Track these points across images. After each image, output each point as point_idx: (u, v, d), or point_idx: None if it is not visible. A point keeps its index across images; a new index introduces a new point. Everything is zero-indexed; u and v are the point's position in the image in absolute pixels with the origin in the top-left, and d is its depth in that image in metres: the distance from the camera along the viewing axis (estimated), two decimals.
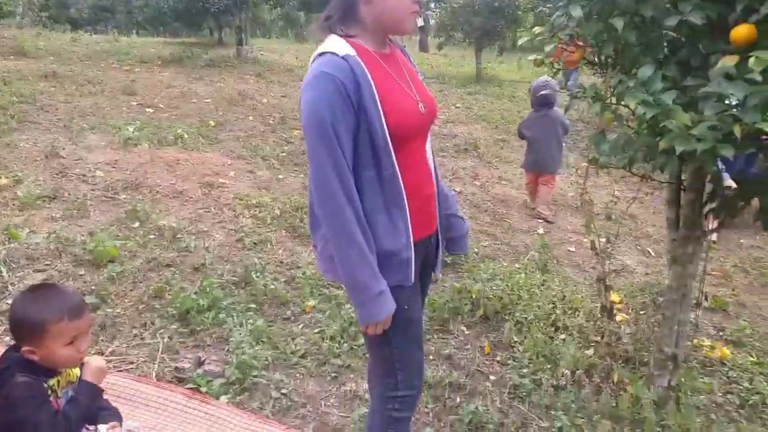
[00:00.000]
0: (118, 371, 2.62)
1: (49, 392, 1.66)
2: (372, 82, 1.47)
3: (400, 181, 1.54)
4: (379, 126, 1.48)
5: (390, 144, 1.50)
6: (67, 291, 1.76)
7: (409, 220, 1.58)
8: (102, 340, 2.83)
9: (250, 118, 7.44)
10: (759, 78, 1.44)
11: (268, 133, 6.84)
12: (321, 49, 1.52)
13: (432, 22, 15.44)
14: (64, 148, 5.19)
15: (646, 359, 2.83)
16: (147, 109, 7.22)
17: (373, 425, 1.82)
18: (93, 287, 3.22)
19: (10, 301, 2.62)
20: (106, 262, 3.47)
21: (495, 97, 10.74)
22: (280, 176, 5.48)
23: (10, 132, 5.52)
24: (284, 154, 6.10)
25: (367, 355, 2.07)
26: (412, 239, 1.59)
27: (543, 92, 5.11)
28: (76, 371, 1.74)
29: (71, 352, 1.64)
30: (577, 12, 1.86)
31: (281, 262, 3.78)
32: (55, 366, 1.67)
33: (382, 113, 1.48)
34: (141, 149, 5.47)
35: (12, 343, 1.69)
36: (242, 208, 4.52)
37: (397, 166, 1.52)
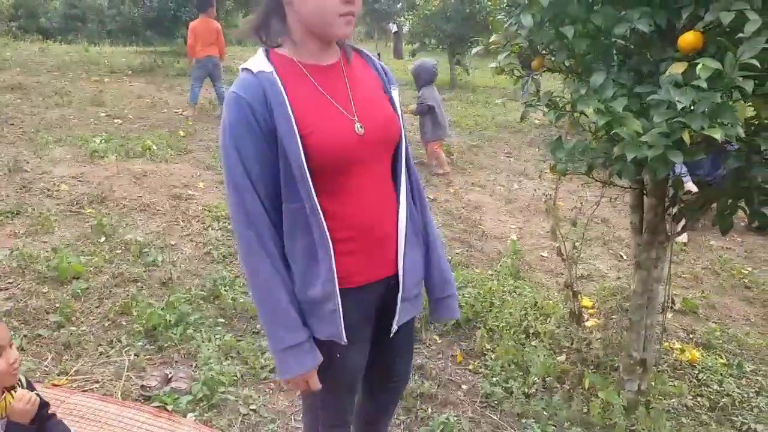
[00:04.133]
0: (82, 391, 2.56)
1: None
2: (287, 102, 1.29)
3: (322, 219, 1.32)
4: (294, 152, 1.28)
5: (307, 173, 1.29)
6: None
7: (333, 265, 1.35)
8: (66, 360, 2.77)
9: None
10: (705, 85, 1.45)
11: None
12: (243, 64, 1.35)
13: (405, 29, 15.49)
14: (28, 162, 5.09)
15: (616, 364, 2.84)
16: (115, 120, 7.11)
17: None
18: (57, 305, 3.14)
19: None
20: (71, 278, 3.40)
21: (469, 103, 10.79)
22: None
23: None
24: None
25: None
26: (337, 289, 1.36)
27: (434, 67, 6.38)
28: (10, 399, 1.71)
29: None
30: (527, 20, 1.86)
31: None
32: None
33: (298, 137, 1.28)
34: (108, 161, 5.38)
35: None
36: (211, 220, 4.45)
37: (316, 201, 1.31)
